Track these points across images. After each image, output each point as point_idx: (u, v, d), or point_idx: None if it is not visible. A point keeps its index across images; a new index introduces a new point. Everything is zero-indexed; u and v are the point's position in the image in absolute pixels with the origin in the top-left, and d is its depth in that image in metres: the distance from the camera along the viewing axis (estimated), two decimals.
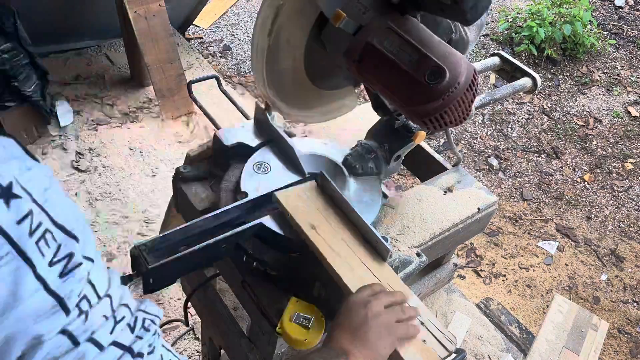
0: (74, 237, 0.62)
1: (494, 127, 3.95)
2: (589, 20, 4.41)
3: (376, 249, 1.05)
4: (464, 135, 3.86)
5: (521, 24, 4.51)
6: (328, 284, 1.02)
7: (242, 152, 1.27)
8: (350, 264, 1.02)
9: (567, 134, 3.95)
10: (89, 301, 0.63)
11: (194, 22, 4.11)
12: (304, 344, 0.98)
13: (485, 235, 3.18)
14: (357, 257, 1.04)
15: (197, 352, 2.31)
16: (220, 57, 4.17)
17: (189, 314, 2.07)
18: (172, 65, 3.12)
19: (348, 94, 1.34)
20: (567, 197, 3.50)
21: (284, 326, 0.98)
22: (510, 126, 3.97)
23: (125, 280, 1.03)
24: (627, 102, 4.25)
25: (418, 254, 1.13)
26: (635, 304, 2.95)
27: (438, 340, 0.97)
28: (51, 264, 0.59)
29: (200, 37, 4.33)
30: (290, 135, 1.34)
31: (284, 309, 1.01)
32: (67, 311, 0.60)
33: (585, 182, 3.61)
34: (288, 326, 0.98)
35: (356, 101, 1.38)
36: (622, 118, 4.12)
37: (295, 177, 1.23)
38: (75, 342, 0.61)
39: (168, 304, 2.45)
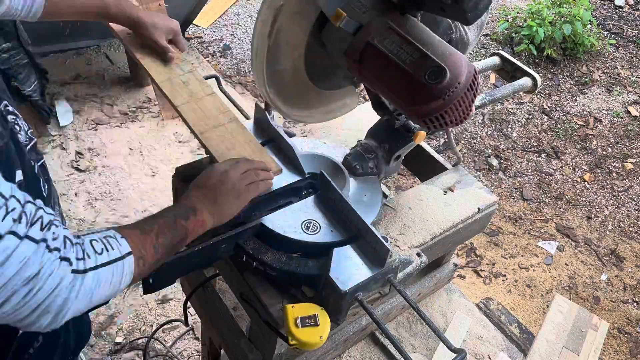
0: None
1: (494, 127, 3.95)
2: (589, 20, 4.41)
3: (376, 249, 1.05)
4: (464, 135, 3.86)
5: (521, 24, 4.51)
6: (326, 285, 1.02)
7: None
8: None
9: (567, 134, 3.95)
10: None
11: (193, 22, 4.10)
12: (321, 341, 0.97)
13: (485, 235, 3.18)
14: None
15: (197, 352, 2.31)
16: (220, 56, 4.17)
17: (188, 314, 2.07)
18: None
19: (349, 93, 1.34)
20: (567, 197, 3.50)
21: (295, 336, 0.97)
22: (510, 126, 3.97)
23: None
24: (627, 102, 4.25)
25: (418, 254, 1.13)
26: (635, 304, 2.95)
27: None
28: None
29: (200, 37, 4.32)
30: (290, 135, 1.33)
31: (285, 320, 0.99)
32: None
33: (585, 182, 3.61)
34: (299, 333, 0.97)
35: (357, 101, 1.38)
36: (622, 118, 4.12)
37: (295, 177, 1.22)
38: None
39: (168, 304, 2.45)
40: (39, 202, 0.77)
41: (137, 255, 0.84)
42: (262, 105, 1.31)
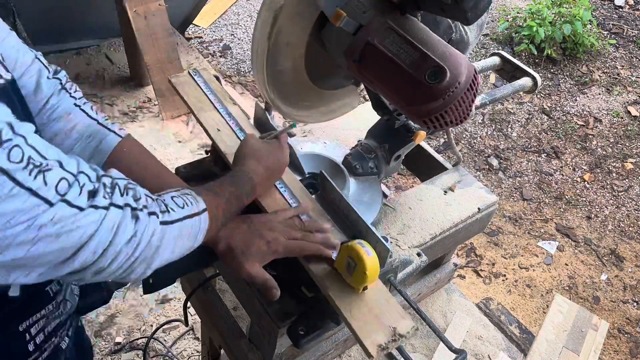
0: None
1: (494, 127, 3.95)
2: (589, 20, 4.41)
3: (376, 249, 1.05)
4: (464, 135, 3.86)
5: (521, 24, 4.51)
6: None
7: None
8: None
9: (567, 134, 3.95)
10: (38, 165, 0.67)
11: (193, 22, 4.10)
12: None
13: (485, 235, 3.18)
14: None
15: (197, 352, 2.31)
16: (220, 56, 4.17)
17: (188, 314, 2.07)
18: (172, 64, 3.11)
19: (349, 93, 1.34)
20: (567, 197, 3.50)
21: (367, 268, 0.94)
22: (510, 126, 3.97)
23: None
24: (627, 102, 4.25)
25: (418, 254, 1.13)
26: (635, 304, 2.95)
27: None
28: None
29: (200, 37, 4.33)
30: (290, 135, 1.33)
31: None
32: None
33: (585, 182, 3.61)
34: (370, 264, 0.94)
35: (358, 100, 1.38)
36: (622, 118, 4.12)
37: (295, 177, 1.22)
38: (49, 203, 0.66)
39: (168, 304, 2.45)
40: (113, 171, 0.79)
41: (211, 214, 0.89)
42: (262, 105, 1.31)
